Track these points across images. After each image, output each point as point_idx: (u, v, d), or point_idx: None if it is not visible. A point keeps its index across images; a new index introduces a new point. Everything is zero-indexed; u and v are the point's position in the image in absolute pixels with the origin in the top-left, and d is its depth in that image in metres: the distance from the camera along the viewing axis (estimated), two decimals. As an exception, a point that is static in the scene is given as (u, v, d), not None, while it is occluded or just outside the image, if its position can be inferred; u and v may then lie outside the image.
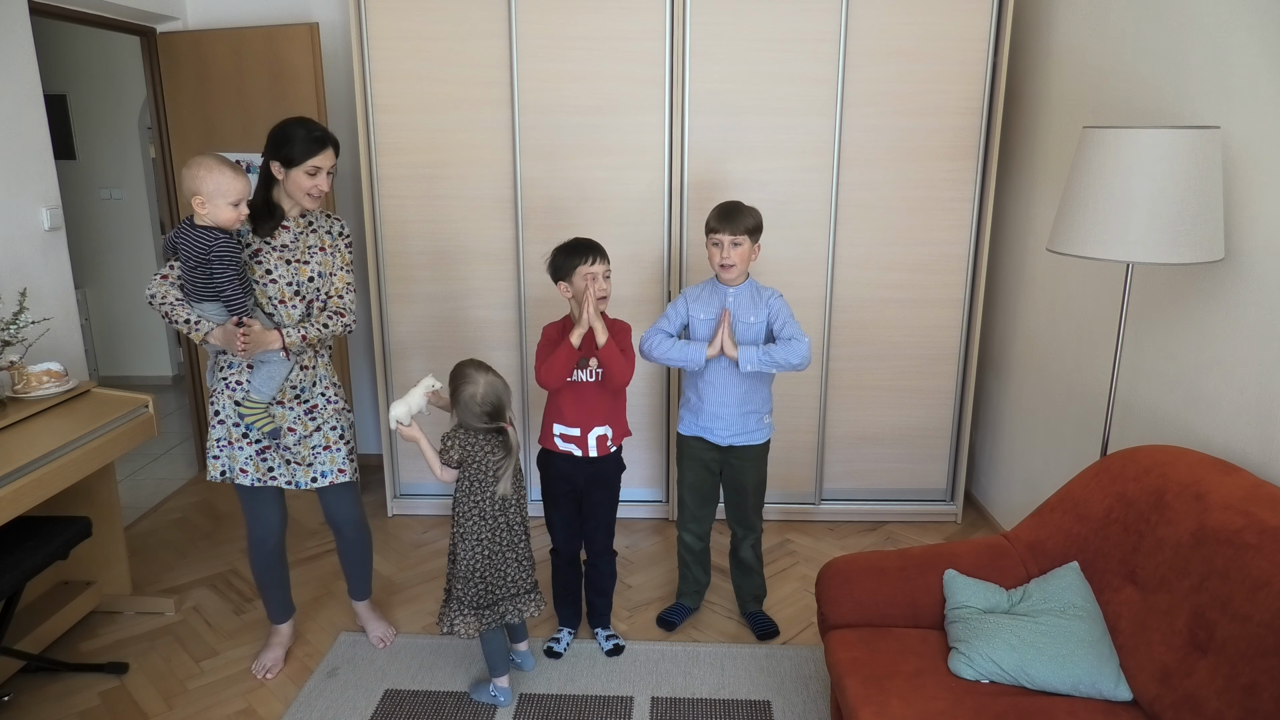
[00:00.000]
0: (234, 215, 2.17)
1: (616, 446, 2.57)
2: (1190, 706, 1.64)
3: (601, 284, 2.40)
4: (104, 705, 2.48)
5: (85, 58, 5.08)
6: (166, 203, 3.94)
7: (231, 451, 2.40)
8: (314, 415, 2.45)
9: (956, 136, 3.24)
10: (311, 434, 2.45)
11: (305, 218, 2.39)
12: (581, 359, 2.43)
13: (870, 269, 3.38)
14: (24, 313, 2.59)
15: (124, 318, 5.52)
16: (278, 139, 2.27)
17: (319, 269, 2.38)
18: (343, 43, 3.72)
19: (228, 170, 2.15)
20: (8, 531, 2.38)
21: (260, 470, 2.42)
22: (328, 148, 2.29)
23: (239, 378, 2.35)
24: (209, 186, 2.13)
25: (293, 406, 2.42)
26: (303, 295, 2.36)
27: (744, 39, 3.17)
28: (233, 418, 2.37)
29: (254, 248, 2.31)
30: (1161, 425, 2.39)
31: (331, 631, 2.84)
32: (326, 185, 2.32)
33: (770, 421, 2.67)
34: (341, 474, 2.50)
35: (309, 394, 2.44)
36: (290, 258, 2.34)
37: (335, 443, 2.48)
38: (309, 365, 2.43)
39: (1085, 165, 2.05)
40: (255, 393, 2.33)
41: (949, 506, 3.62)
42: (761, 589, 2.86)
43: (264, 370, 2.32)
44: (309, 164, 2.26)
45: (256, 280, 2.31)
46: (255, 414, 2.35)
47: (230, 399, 2.36)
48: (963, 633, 1.95)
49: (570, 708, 2.44)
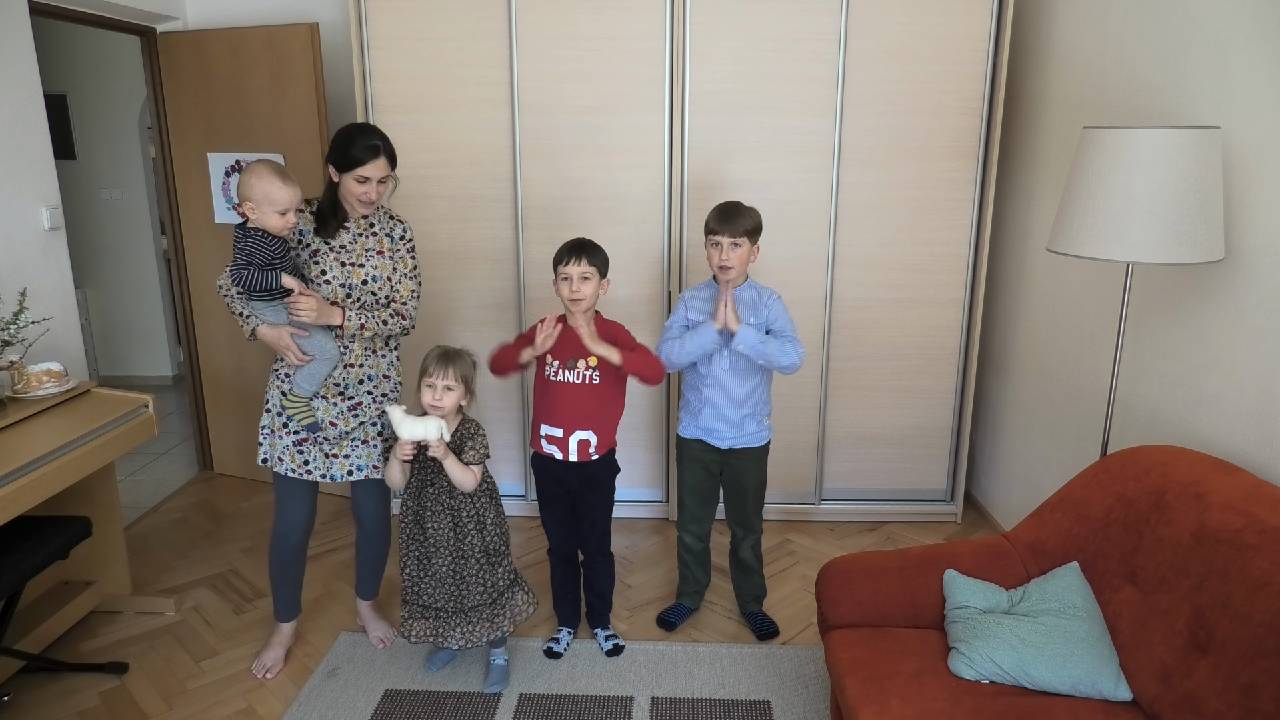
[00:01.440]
0: (280, 223, 2.21)
1: (600, 455, 2.51)
2: (1190, 706, 1.64)
3: (575, 285, 2.37)
4: (104, 705, 2.48)
5: (85, 58, 5.08)
6: (167, 203, 3.94)
7: (273, 440, 2.45)
8: (357, 413, 2.48)
9: (956, 136, 3.24)
10: (353, 429, 2.47)
11: (367, 220, 2.43)
12: (570, 360, 2.43)
13: (870, 269, 3.38)
14: (24, 313, 2.59)
15: (124, 318, 5.52)
16: (336, 143, 2.32)
17: (374, 272, 2.42)
18: (343, 43, 3.72)
19: (276, 179, 2.18)
20: (8, 531, 2.38)
21: (296, 462, 2.45)
22: (378, 158, 2.31)
23: (289, 370, 2.40)
24: (257, 194, 2.17)
25: (335, 402, 2.44)
26: (355, 297, 2.40)
27: (744, 39, 3.17)
28: (277, 407, 2.43)
29: (313, 248, 2.37)
30: (1161, 425, 2.39)
31: (331, 631, 2.84)
32: (375, 194, 2.35)
33: (769, 424, 2.67)
34: (376, 470, 2.53)
35: (354, 390, 2.46)
36: (346, 260, 2.39)
37: (373, 439, 2.52)
38: (354, 364, 2.44)
39: (1085, 165, 2.05)
40: (297, 388, 2.38)
41: (949, 506, 3.61)
42: (761, 589, 2.86)
43: (308, 367, 2.36)
44: (357, 172, 2.30)
45: (313, 280, 2.36)
46: (296, 407, 2.39)
47: (279, 389, 2.43)
48: (963, 633, 1.95)
49: (570, 708, 2.44)
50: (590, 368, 2.42)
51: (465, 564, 2.39)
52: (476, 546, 2.40)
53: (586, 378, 2.43)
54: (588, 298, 2.39)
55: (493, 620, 2.44)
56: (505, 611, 2.47)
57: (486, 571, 2.42)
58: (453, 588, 2.42)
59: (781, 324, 2.51)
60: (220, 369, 4.02)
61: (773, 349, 2.45)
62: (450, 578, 2.41)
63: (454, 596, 2.42)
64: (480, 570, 2.41)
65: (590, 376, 2.43)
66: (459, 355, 2.34)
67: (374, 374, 2.49)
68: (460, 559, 2.39)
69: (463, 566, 2.40)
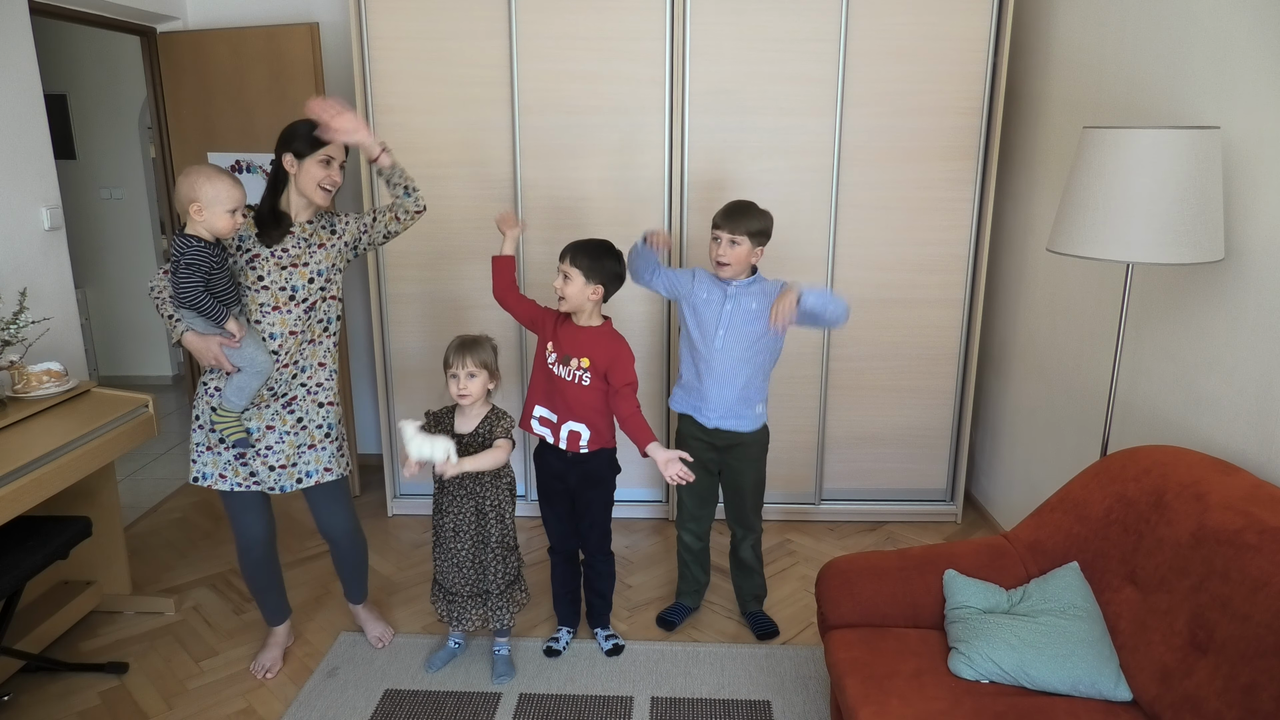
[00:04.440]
0: (231, 223, 2.15)
1: (590, 449, 2.49)
2: (1190, 706, 1.64)
3: (559, 282, 2.39)
4: (104, 705, 2.48)
5: (85, 58, 5.08)
6: (167, 203, 3.94)
7: (211, 457, 2.36)
8: (293, 408, 2.37)
9: (956, 136, 3.24)
10: (295, 431, 2.38)
11: (311, 224, 2.36)
12: (565, 356, 2.43)
13: (870, 269, 3.38)
14: (24, 312, 2.59)
15: (124, 318, 5.52)
16: (288, 134, 2.27)
17: (319, 266, 2.34)
18: (343, 43, 3.72)
19: (225, 178, 2.14)
20: (8, 531, 2.38)
21: (241, 475, 2.37)
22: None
23: (219, 384, 2.32)
24: (207, 194, 2.11)
25: (269, 404, 2.35)
26: (301, 298, 2.32)
27: (744, 39, 3.17)
28: (208, 423, 2.34)
29: (252, 253, 2.28)
30: (1161, 425, 2.39)
31: (331, 631, 2.84)
32: (339, 177, 2.31)
33: (763, 412, 2.64)
34: (328, 472, 2.43)
35: (286, 386, 2.36)
36: (286, 262, 2.30)
37: (320, 441, 2.41)
38: (288, 364, 2.34)
39: (1085, 165, 2.05)
40: (226, 403, 2.29)
41: (949, 506, 3.61)
42: (761, 589, 2.86)
43: (236, 380, 2.26)
44: (321, 153, 2.26)
45: (248, 286, 2.28)
46: (226, 422, 2.30)
47: (209, 404, 2.33)
48: (963, 633, 1.95)
49: (570, 708, 2.44)
50: (581, 368, 2.42)
51: (484, 550, 2.47)
52: (494, 536, 2.46)
53: (577, 377, 2.43)
54: (570, 298, 2.40)
55: (506, 606, 2.52)
56: (514, 599, 2.56)
57: (500, 561, 2.49)
58: (472, 572, 2.48)
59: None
60: (220, 369, 4.01)
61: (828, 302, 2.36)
62: (470, 562, 2.47)
63: (472, 580, 2.49)
64: (496, 558, 2.48)
65: (580, 377, 2.43)
66: (477, 342, 2.38)
67: (308, 364, 2.38)
68: (480, 544, 2.46)
69: (482, 552, 2.47)
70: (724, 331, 2.51)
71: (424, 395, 3.55)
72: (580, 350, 2.41)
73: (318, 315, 2.38)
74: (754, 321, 2.50)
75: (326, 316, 2.40)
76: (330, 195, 2.32)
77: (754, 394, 2.59)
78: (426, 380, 3.56)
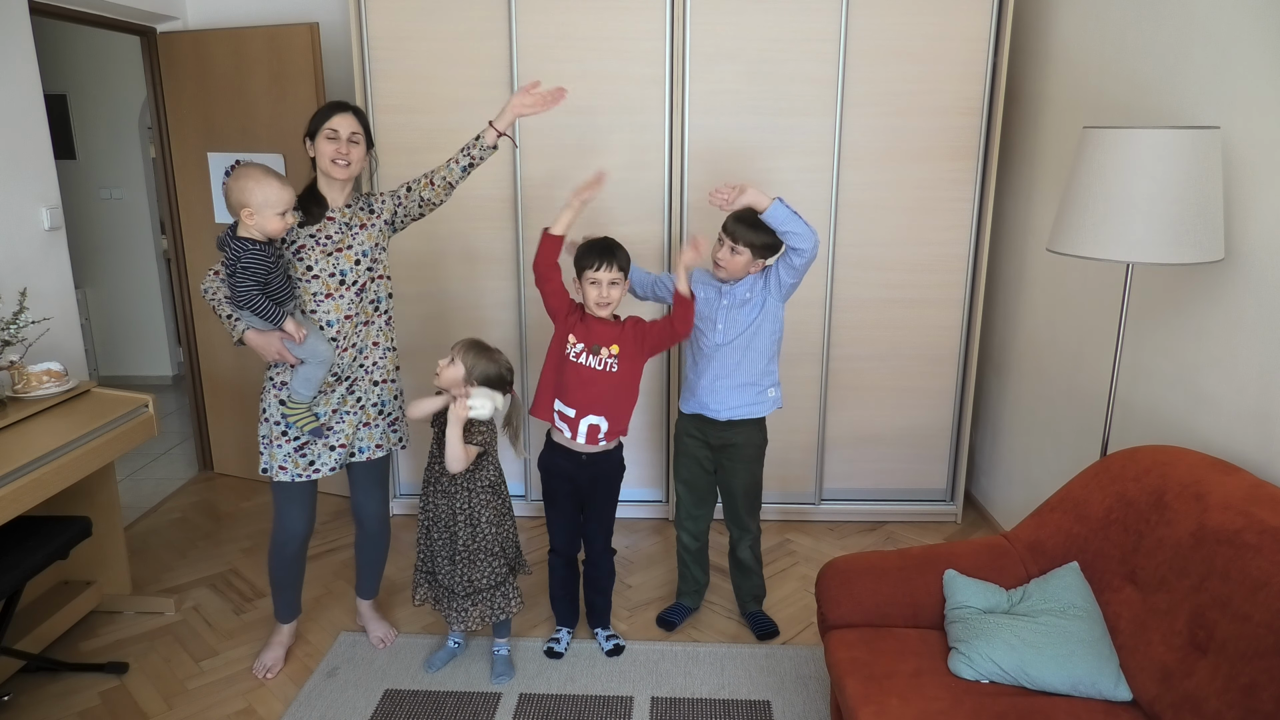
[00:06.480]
0: (281, 225, 2.20)
1: (610, 443, 2.53)
2: (1190, 706, 1.64)
3: (605, 291, 2.39)
4: (104, 705, 2.48)
5: (85, 58, 5.08)
6: (166, 203, 3.94)
7: (272, 450, 2.42)
8: (353, 389, 2.45)
9: (956, 136, 3.24)
10: (355, 410, 2.46)
11: (350, 207, 2.42)
12: (595, 345, 2.43)
13: (870, 269, 3.38)
14: (24, 312, 2.59)
15: (124, 318, 5.52)
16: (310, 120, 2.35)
17: (364, 246, 2.40)
18: (343, 43, 3.72)
19: (274, 181, 2.18)
20: (8, 531, 2.38)
21: (300, 466, 2.42)
22: (344, 111, 2.33)
23: (284, 377, 2.38)
24: (258, 198, 2.15)
25: (334, 389, 2.42)
26: (351, 281, 2.38)
27: (744, 39, 3.17)
28: (274, 415, 2.40)
29: (299, 244, 2.34)
30: (1161, 425, 2.39)
31: (331, 631, 2.84)
32: (347, 151, 2.33)
33: (776, 395, 2.64)
34: (379, 449, 2.52)
35: (349, 370, 2.43)
36: (331, 248, 2.36)
37: (374, 419, 2.50)
38: (347, 348, 2.41)
39: (1085, 165, 2.05)
40: (295, 395, 2.35)
41: (949, 506, 3.61)
42: (761, 589, 2.86)
43: (303, 371, 2.33)
44: (326, 127, 2.31)
45: (299, 278, 2.34)
46: (297, 413, 2.36)
47: (276, 397, 2.39)
48: (962, 633, 1.95)
49: (570, 708, 2.44)
50: (612, 356, 2.43)
51: (455, 546, 2.44)
52: (462, 539, 2.42)
53: (608, 365, 2.44)
54: (615, 302, 2.43)
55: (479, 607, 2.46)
56: (495, 604, 2.48)
57: (467, 565, 2.43)
58: (448, 565, 2.46)
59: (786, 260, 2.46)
60: (220, 369, 4.02)
61: (792, 220, 2.37)
62: (445, 555, 2.46)
63: (447, 573, 2.46)
64: (463, 561, 2.43)
65: (611, 365, 2.44)
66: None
67: (364, 345, 2.45)
68: (452, 540, 2.44)
69: (453, 548, 2.44)
70: (722, 326, 2.54)
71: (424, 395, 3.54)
72: (610, 339, 2.43)
73: (369, 296, 2.43)
74: (745, 307, 2.53)
75: (377, 296, 2.47)
76: (346, 169, 2.35)
77: (765, 379, 2.60)
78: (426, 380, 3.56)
